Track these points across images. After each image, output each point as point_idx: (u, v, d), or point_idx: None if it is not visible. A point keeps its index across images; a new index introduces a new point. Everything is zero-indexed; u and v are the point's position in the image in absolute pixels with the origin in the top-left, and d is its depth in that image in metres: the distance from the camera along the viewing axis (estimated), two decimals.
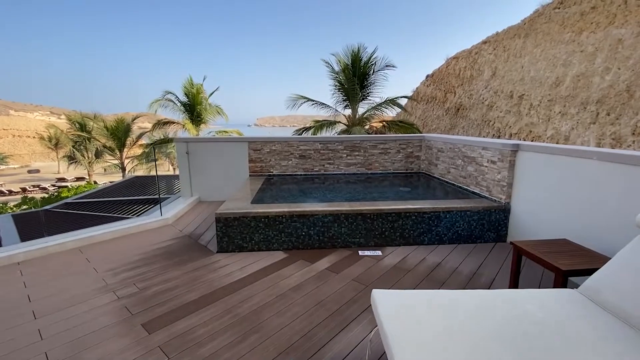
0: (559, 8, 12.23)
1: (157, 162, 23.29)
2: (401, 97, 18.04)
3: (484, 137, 15.14)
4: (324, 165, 6.45)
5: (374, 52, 15.29)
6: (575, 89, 10.18)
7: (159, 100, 19.32)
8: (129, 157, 21.01)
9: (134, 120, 20.22)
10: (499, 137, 13.97)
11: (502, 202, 4.12)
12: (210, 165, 6.27)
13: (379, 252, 3.87)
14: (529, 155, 3.79)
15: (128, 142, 20.06)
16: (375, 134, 15.78)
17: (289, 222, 3.88)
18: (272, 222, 3.86)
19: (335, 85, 16.34)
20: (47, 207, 6.13)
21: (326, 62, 16.21)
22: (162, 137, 23.64)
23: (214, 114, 20.45)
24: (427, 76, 24.54)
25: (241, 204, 4.14)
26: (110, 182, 31.31)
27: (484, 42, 17.67)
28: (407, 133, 14.73)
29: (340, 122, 17.18)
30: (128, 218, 5.10)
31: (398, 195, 5.59)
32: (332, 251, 3.91)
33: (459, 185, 5.20)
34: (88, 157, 26.79)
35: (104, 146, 19.92)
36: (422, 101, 23.26)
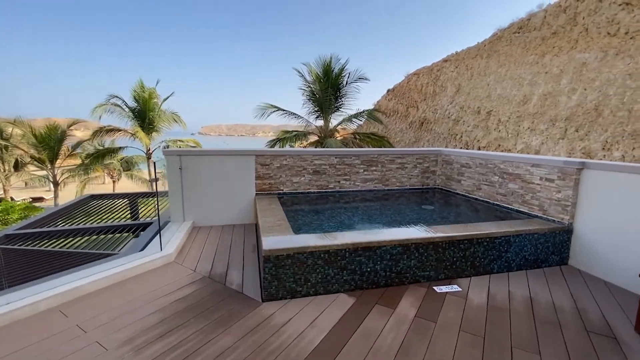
0: (518, 33, 13.28)
1: (91, 175, 20.35)
2: (370, 110, 18.14)
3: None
4: (339, 181, 5.79)
5: (346, 64, 15.15)
6: (542, 106, 10.96)
7: (104, 105, 16.95)
8: (64, 168, 17.90)
9: (70, 126, 17.33)
10: (467, 149, 14.62)
11: (565, 223, 3.86)
12: (208, 183, 5.22)
13: (457, 288, 3.31)
14: (600, 174, 3.59)
15: (62, 152, 17.08)
16: (351, 146, 15.54)
17: (353, 257, 3.15)
18: (333, 257, 3.10)
19: (308, 96, 15.85)
20: None
21: (299, 72, 15.71)
22: (103, 146, 20.85)
23: (169, 121, 18.51)
24: (388, 90, 25.31)
25: (288, 236, 3.30)
26: (33, 198, 26.67)
27: (445, 61, 18.67)
28: (379, 146, 14.71)
29: (312, 132, 16.68)
30: (112, 254, 3.86)
31: (424, 215, 5.15)
32: (404, 289, 3.27)
33: (495, 203, 4.92)
34: (4, 169, 22.46)
35: (32, 157, 16.68)
36: (383, 114, 23.81)
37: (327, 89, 14.54)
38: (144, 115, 17.71)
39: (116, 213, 6.90)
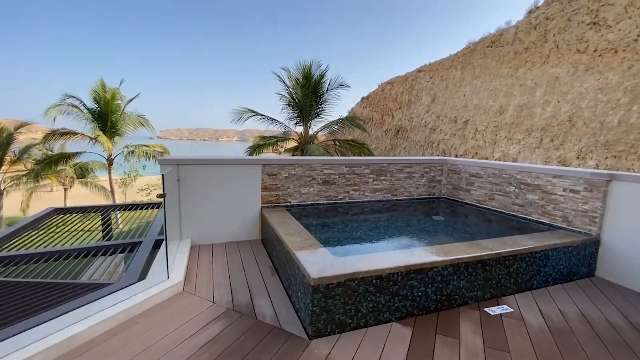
0: (491, 46, 13.95)
1: (41, 182, 18.24)
2: (352, 116, 18.13)
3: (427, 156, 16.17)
4: (348, 192, 5.47)
5: (326, 70, 15.01)
6: (519, 117, 11.51)
7: (59, 105, 15.31)
8: (9, 176, 15.77)
9: (17, 129, 15.33)
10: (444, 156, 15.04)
11: (593, 234, 3.86)
12: (209, 195, 4.65)
13: (508, 308, 3.12)
14: (629, 186, 3.62)
15: (8, 158, 15.02)
16: (333, 153, 15.32)
17: (405, 281, 2.84)
18: (385, 283, 2.76)
19: (287, 101, 15.47)
20: None
21: (278, 76, 15.32)
22: (52, 151, 18.81)
23: (135, 124, 17.13)
24: (363, 98, 25.60)
25: (327, 259, 2.90)
26: None
27: (419, 71, 19.23)
28: (359, 153, 14.67)
29: (292, 138, 16.30)
30: (106, 284, 3.18)
31: (438, 227, 5.00)
32: (455, 313, 3.01)
33: (511, 213, 4.88)
34: None
35: None
36: (360, 122, 23.99)
37: (308, 94, 14.26)
38: (106, 117, 16.24)
39: (88, 230, 6.02)
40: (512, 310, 3.09)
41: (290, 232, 3.71)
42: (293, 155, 15.40)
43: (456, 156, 14.27)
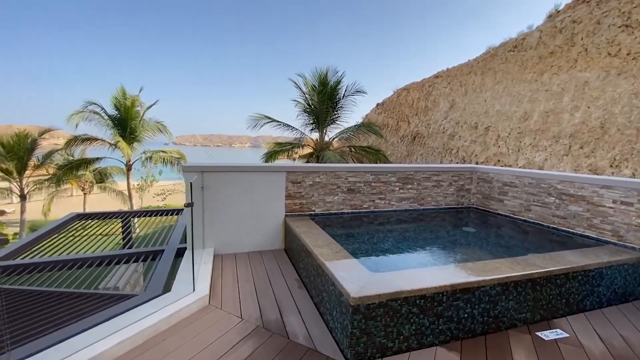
0: (513, 51, 13.58)
1: (61, 187, 18.63)
2: (368, 123, 17.96)
3: (446, 164, 15.77)
4: (374, 200, 5.26)
5: (342, 76, 14.90)
6: (545, 123, 11.08)
7: (81, 112, 15.61)
8: (32, 180, 16.16)
9: (42, 135, 15.75)
10: (463, 163, 14.62)
11: None
12: (232, 203, 4.52)
13: (562, 333, 2.83)
14: None
15: (32, 163, 15.42)
16: (349, 160, 15.14)
17: (451, 301, 2.60)
18: (429, 303, 2.53)
19: (303, 108, 15.41)
20: None
21: (294, 83, 15.31)
22: (73, 157, 19.26)
23: (153, 130, 17.36)
24: (377, 104, 25.40)
25: (364, 275, 2.70)
26: None
27: (437, 77, 18.93)
28: (375, 159, 14.43)
29: (307, 145, 16.22)
30: (131, 296, 3.06)
31: (470, 238, 4.73)
32: (504, 336, 2.74)
33: (550, 226, 4.56)
34: None
35: None
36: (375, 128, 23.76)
37: (325, 100, 14.16)
38: (125, 124, 16.51)
39: (108, 235, 5.98)
40: (568, 335, 2.80)
41: (320, 244, 3.52)
42: (307, 161, 15.29)
43: (477, 163, 13.85)
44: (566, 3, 12.45)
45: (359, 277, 2.64)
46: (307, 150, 16.52)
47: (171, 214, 7.08)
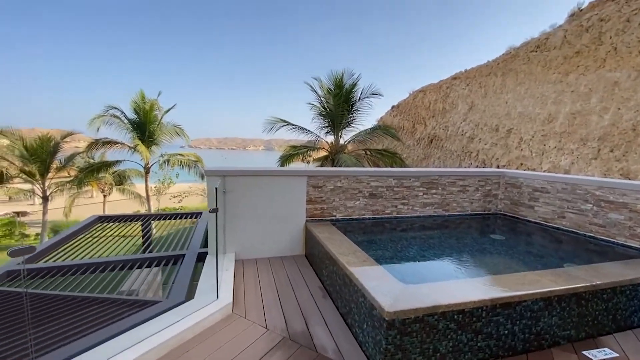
0: (536, 51, 13.16)
1: (82, 189, 19.10)
2: (385, 126, 17.76)
3: (464, 167, 15.38)
4: (396, 206, 5.10)
5: (358, 79, 14.77)
6: (571, 125, 10.65)
7: (102, 116, 16.01)
8: (54, 182, 16.64)
9: (64, 138, 16.22)
10: (484, 167, 14.22)
11: None
12: (253, 207, 4.45)
13: (611, 352, 2.61)
14: None
15: (54, 165, 15.89)
16: (365, 164, 14.96)
17: (490, 317, 2.43)
18: (467, 319, 2.37)
19: (318, 111, 15.35)
20: None
21: (310, 86, 15.30)
22: (92, 159, 19.77)
23: (171, 134, 17.63)
24: (393, 107, 25.13)
25: (396, 287, 2.56)
26: (16, 212, 24.96)
27: (454, 78, 18.57)
28: (391, 163, 14.17)
29: (322, 148, 16.13)
30: (155, 302, 3.00)
31: (500, 246, 4.51)
32: (547, 355, 2.56)
33: (588, 234, 4.30)
34: None
35: (21, 170, 15.43)
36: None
37: (340, 103, 14.05)
38: (144, 127, 16.83)
39: (126, 237, 6.02)
40: (617, 355, 2.58)
41: (344, 252, 3.40)
42: (322, 165, 15.20)
43: (498, 166, 13.44)
44: (590, 1, 12.00)
45: (391, 289, 2.50)
46: (322, 153, 16.44)
47: (190, 217, 7.08)
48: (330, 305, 3.26)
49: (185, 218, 7.03)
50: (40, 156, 14.85)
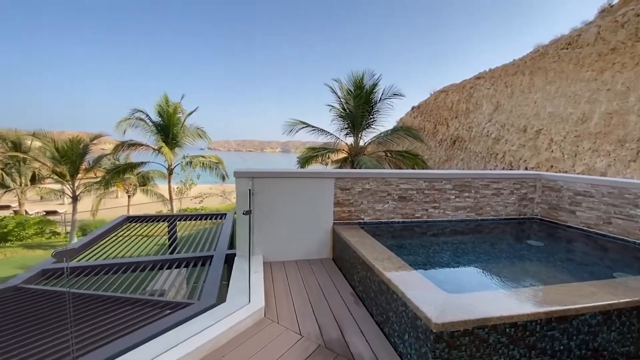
0: (567, 49, 12.59)
1: (109, 189, 19.71)
2: (406, 127, 17.46)
3: (489, 169, 14.88)
4: (427, 209, 4.93)
5: (379, 79, 14.55)
6: (607, 125, 10.09)
7: (128, 119, 16.49)
8: (83, 183, 17.28)
9: (93, 140, 16.84)
10: (510, 169, 13.69)
11: None
12: (281, 209, 4.40)
13: None
14: None
15: (83, 167, 16.51)
16: (386, 165, 14.74)
17: (545, 331, 2.25)
18: (520, 333, 2.20)
19: (338, 112, 15.24)
20: (17, 281, 3.67)
21: (330, 88, 15.21)
22: (118, 161, 20.38)
23: (193, 136, 17.96)
24: (413, 107, 24.71)
25: (439, 296, 2.42)
26: (46, 211, 26.12)
27: (478, 78, 18.05)
28: (412, 165, 13.85)
29: (341, 149, 16.00)
30: (187, 304, 2.98)
31: (540, 253, 4.26)
32: None
33: (636, 241, 3.99)
34: (21, 182, 22.10)
35: (53, 171, 16.11)
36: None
37: (361, 104, 13.89)
38: (168, 130, 17.23)
39: (157, 238, 6.10)
40: None
41: (379, 257, 3.28)
42: (341, 166, 15.08)
43: (526, 168, 12.92)
44: None
45: (434, 298, 2.36)
46: (341, 155, 16.32)
47: (214, 218, 7.13)
48: (364, 313, 3.14)
49: (210, 219, 7.08)
50: (70, 158, 15.45)
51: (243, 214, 3.24)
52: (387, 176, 4.76)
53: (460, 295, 2.45)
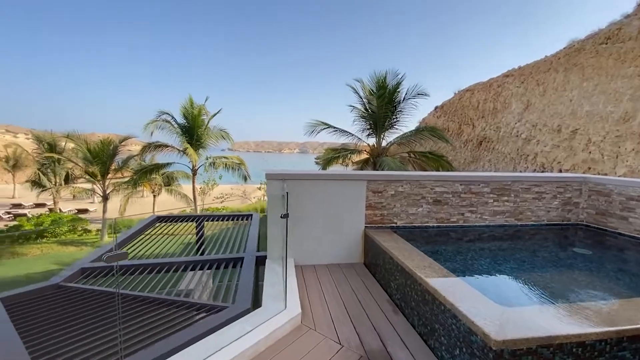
0: (606, 43, 11.87)
1: (136, 189, 20.33)
2: (431, 127, 17.07)
3: (520, 171, 14.26)
4: (463, 214, 4.71)
5: (402, 79, 14.22)
6: None
7: (155, 121, 16.95)
8: (113, 182, 17.95)
9: (122, 142, 17.45)
10: (542, 171, 13.06)
11: None
12: (312, 212, 4.32)
13: None
14: None
15: (113, 167, 17.14)
16: (410, 167, 14.42)
17: (615, 352, 2.04)
18: (588, 353, 2.00)
19: (361, 113, 15.04)
20: (58, 279, 3.77)
21: (352, 88, 15.03)
22: (144, 162, 20.99)
23: (216, 137, 18.25)
24: (436, 107, 24.15)
25: (498, 311, 2.25)
26: (78, 209, 27.35)
27: (506, 76, 17.38)
28: (436, 167, 13.45)
29: (363, 150, 15.78)
30: (223, 307, 2.95)
31: (589, 262, 3.95)
32: None
33: None
34: (56, 182, 23.20)
35: (86, 171, 16.83)
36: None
37: (384, 105, 13.62)
38: (192, 131, 17.59)
39: (184, 237, 6.18)
40: None
41: (419, 264, 3.12)
42: (362, 168, 14.87)
43: (560, 170, 12.28)
44: None
45: (489, 312, 2.19)
46: (363, 156, 16.13)
47: (241, 219, 7.16)
48: (404, 322, 3.00)
49: (237, 220, 7.11)
50: (101, 158, 16.05)
51: (281, 217, 3.17)
52: (421, 179, 4.59)
53: (517, 309, 2.28)
